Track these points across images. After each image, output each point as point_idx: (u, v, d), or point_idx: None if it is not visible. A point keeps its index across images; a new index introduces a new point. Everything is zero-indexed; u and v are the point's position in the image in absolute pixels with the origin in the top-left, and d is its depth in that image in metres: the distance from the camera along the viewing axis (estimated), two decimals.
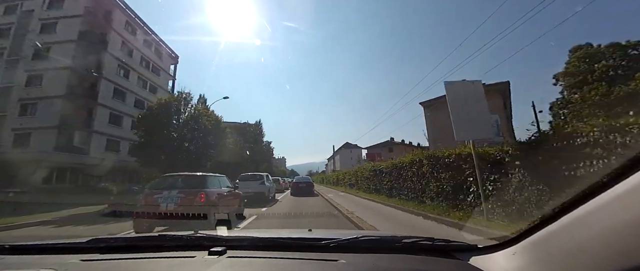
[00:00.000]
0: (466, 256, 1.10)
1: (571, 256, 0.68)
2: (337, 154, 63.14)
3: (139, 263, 1.12)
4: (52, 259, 1.17)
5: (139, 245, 1.30)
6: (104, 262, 1.15)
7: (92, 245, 1.29)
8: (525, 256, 0.85)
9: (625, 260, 0.55)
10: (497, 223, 4.69)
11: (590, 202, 0.67)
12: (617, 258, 0.57)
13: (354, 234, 1.31)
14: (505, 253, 0.95)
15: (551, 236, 0.77)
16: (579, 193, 0.72)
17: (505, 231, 2.30)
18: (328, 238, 1.23)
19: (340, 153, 63.39)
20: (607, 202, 0.63)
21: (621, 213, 0.59)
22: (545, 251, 0.78)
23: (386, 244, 1.28)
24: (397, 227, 5.85)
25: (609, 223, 0.61)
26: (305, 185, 16.86)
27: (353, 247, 1.18)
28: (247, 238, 1.38)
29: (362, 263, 1.06)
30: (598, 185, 0.68)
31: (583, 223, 0.68)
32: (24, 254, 1.28)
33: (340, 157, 63.69)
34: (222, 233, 1.38)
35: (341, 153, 63.52)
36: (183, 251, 1.20)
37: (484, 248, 1.10)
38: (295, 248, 1.19)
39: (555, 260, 0.73)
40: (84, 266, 1.11)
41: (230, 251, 1.16)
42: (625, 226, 0.57)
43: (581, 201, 0.70)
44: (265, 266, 1.06)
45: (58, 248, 1.31)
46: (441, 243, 1.19)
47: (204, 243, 1.25)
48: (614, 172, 0.66)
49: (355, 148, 61.98)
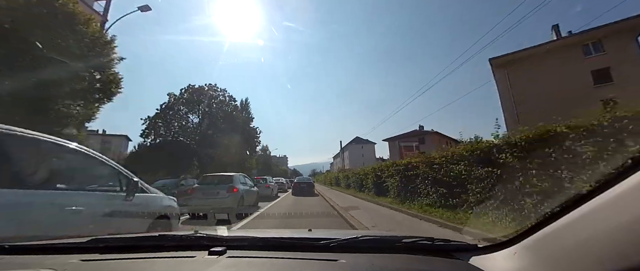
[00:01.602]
0: (466, 256, 1.10)
1: (572, 256, 0.68)
2: (346, 150, 56.03)
3: (139, 263, 1.12)
4: (52, 259, 1.17)
5: (139, 245, 1.31)
6: (104, 262, 1.15)
7: (92, 244, 1.29)
8: (526, 256, 0.84)
9: (625, 260, 0.55)
10: None
11: (591, 201, 0.67)
12: (618, 258, 0.56)
13: (353, 234, 1.31)
14: (506, 253, 0.94)
15: (551, 236, 0.77)
16: (579, 193, 0.72)
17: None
18: (328, 238, 1.23)
19: (350, 149, 57.96)
20: (607, 202, 0.63)
21: (621, 213, 0.58)
22: (545, 251, 0.77)
23: (386, 244, 1.28)
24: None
25: (609, 223, 0.60)
26: (306, 185, 17.66)
27: (353, 247, 1.18)
28: (247, 238, 1.38)
29: (362, 263, 1.06)
30: (598, 185, 0.67)
31: (583, 223, 0.68)
32: (24, 254, 1.28)
33: (349, 153, 57.84)
34: (222, 233, 1.38)
35: (351, 149, 58.22)
36: (183, 251, 1.20)
37: (484, 248, 1.10)
38: (295, 248, 1.19)
39: (555, 260, 0.73)
40: (84, 266, 1.12)
41: (230, 251, 1.16)
42: (625, 226, 0.56)
43: (581, 201, 0.70)
44: (265, 266, 1.06)
45: (58, 248, 1.31)
46: (441, 242, 1.19)
47: (204, 243, 1.26)
48: (613, 172, 0.66)
49: (366, 144, 57.00)
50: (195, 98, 30.93)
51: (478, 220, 4.87)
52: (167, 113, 29.47)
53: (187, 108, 30.84)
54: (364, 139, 51.72)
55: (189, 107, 30.97)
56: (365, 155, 57.71)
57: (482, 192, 5.07)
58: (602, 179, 0.68)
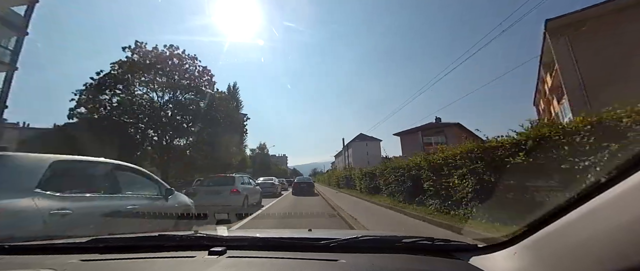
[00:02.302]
0: (466, 256, 1.10)
1: (572, 256, 0.68)
2: (349, 148, 48.95)
3: (139, 263, 1.12)
4: (52, 259, 1.17)
5: (139, 245, 1.30)
6: (104, 262, 1.15)
7: (92, 244, 1.29)
8: (526, 256, 0.84)
9: (626, 260, 0.55)
10: None
11: (591, 201, 0.67)
12: (618, 258, 0.56)
13: (353, 234, 1.31)
14: (506, 253, 0.94)
15: (552, 236, 0.77)
16: (580, 193, 0.72)
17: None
18: (328, 238, 1.23)
19: (353, 146, 52.05)
20: (608, 202, 0.63)
21: (622, 213, 0.58)
22: (545, 251, 0.77)
23: (386, 244, 1.28)
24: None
25: (609, 223, 0.60)
26: (306, 185, 18.40)
27: (353, 247, 1.18)
28: (247, 238, 1.38)
29: (362, 263, 1.06)
30: (598, 185, 0.67)
31: (584, 223, 0.68)
32: (24, 254, 1.28)
33: (353, 151, 51.71)
34: (222, 233, 1.38)
35: (354, 146, 52.54)
36: (183, 251, 1.20)
37: (484, 248, 1.10)
38: (295, 248, 1.19)
39: (556, 259, 0.72)
40: (84, 266, 1.12)
41: (230, 251, 1.16)
42: (625, 226, 0.56)
43: (581, 201, 0.70)
44: (265, 266, 1.06)
45: (58, 248, 1.31)
46: (441, 242, 1.19)
47: (204, 243, 1.26)
48: (613, 172, 0.66)
49: (371, 141, 52.23)
50: (149, 64, 20.36)
51: None
52: (110, 85, 19.21)
53: (135, 77, 20.23)
54: (369, 136, 48.23)
55: (139, 76, 20.42)
56: (370, 152, 52.78)
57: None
58: (602, 179, 0.67)
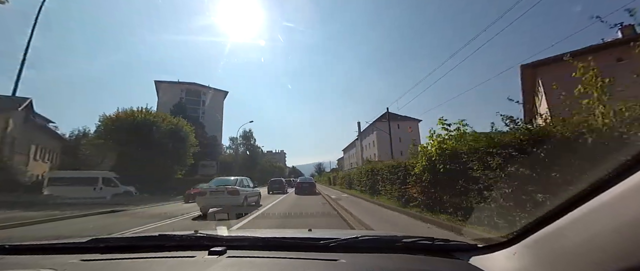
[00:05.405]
0: (466, 256, 1.10)
1: (572, 255, 0.68)
2: (372, 133, 39.43)
3: (139, 263, 1.12)
4: (52, 259, 1.17)
5: (139, 245, 1.30)
6: (104, 262, 1.15)
7: (92, 244, 1.29)
8: (526, 256, 0.84)
9: (626, 259, 0.55)
10: None
11: (591, 201, 0.67)
12: (618, 258, 0.56)
13: (353, 234, 1.31)
14: (506, 253, 0.94)
15: (552, 235, 0.77)
16: (579, 193, 0.72)
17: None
18: (328, 237, 1.23)
19: (377, 130, 35.67)
20: (607, 202, 0.63)
21: (622, 213, 0.59)
22: (545, 250, 0.77)
23: (386, 244, 1.28)
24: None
25: (609, 222, 0.60)
26: (308, 185, 19.47)
27: (353, 247, 1.18)
28: (247, 238, 1.38)
29: (362, 263, 1.06)
30: (598, 185, 0.67)
31: (583, 223, 0.68)
32: (24, 254, 1.28)
33: (376, 136, 39.22)
34: (222, 233, 1.38)
35: (378, 130, 34.42)
36: (183, 251, 1.20)
37: (484, 248, 1.10)
38: (296, 248, 1.20)
39: (556, 259, 0.73)
40: (84, 266, 1.12)
41: (231, 251, 1.16)
42: (625, 226, 0.57)
43: (581, 201, 0.70)
44: (265, 266, 1.06)
45: (58, 248, 1.31)
46: (441, 242, 1.19)
47: (204, 243, 1.26)
48: (614, 172, 0.66)
49: (403, 121, 37.86)
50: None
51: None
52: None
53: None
54: (401, 115, 28.03)
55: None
56: (403, 137, 37.06)
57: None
58: (602, 179, 0.67)
